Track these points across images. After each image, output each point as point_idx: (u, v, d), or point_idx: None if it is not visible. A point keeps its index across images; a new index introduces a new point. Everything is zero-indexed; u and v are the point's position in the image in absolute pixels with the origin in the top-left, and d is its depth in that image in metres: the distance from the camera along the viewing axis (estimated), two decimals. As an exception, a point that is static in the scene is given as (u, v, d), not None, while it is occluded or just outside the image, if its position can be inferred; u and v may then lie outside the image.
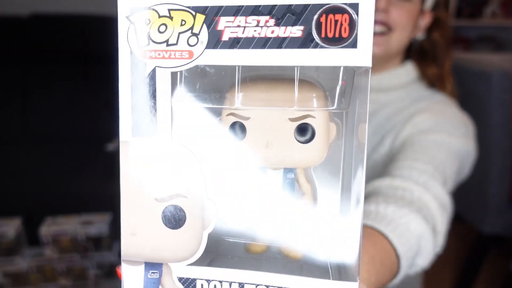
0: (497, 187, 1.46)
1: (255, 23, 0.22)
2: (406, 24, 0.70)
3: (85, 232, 1.64)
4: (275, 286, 0.22)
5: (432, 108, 0.72)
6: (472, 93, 1.45)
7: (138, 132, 0.24)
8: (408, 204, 0.51)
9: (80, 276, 1.76)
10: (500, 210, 1.50)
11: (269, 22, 0.21)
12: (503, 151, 1.42)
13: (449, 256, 2.03)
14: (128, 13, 0.25)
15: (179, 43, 0.23)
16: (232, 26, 0.22)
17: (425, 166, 0.58)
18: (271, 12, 0.21)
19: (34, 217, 1.73)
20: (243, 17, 0.22)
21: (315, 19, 0.21)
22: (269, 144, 0.23)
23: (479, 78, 1.40)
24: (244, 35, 0.22)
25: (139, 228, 0.26)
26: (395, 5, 0.69)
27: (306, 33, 0.21)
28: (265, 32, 0.22)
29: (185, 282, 0.24)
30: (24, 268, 1.71)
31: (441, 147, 0.64)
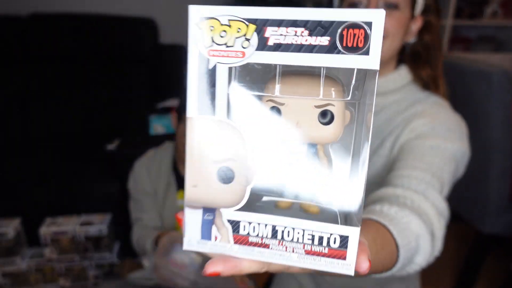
0: (497, 188, 1.46)
1: (293, 33, 0.31)
2: (396, 31, 0.75)
3: (84, 233, 1.64)
4: (299, 228, 0.33)
5: (428, 112, 0.75)
6: (472, 93, 1.45)
7: (201, 111, 0.33)
8: (409, 209, 0.56)
9: (80, 276, 1.76)
10: (500, 210, 1.50)
11: (304, 33, 0.31)
12: (503, 151, 1.41)
13: (450, 256, 2.03)
14: (197, 21, 0.32)
15: (235, 45, 0.32)
16: (276, 34, 0.31)
17: (424, 175, 0.63)
18: (306, 25, 0.30)
19: (33, 217, 1.72)
20: (284, 28, 0.31)
21: (339, 32, 0.30)
22: (298, 124, 0.32)
23: (479, 78, 1.39)
24: (285, 42, 0.31)
25: (199, 182, 0.34)
26: (388, 12, 0.72)
27: (331, 42, 0.30)
28: (301, 40, 0.31)
29: (232, 223, 0.34)
30: (23, 269, 1.71)
31: (438, 152, 0.68)
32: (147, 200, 1.33)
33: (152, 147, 1.64)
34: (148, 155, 1.37)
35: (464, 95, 1.50)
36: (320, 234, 0.32)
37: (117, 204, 1.77)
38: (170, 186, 1.31)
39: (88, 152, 2.03)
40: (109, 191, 1.75)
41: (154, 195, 1.33)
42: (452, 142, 0.72)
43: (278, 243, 0.33)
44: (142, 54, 2.35)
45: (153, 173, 1.33)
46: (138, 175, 1.33)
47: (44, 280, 1.76)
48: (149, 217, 1.33)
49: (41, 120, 2.26)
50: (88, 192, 1.75)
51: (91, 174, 1.80)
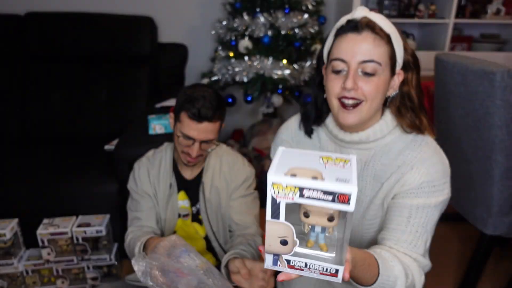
0: (500, 189, 1.44)
1: (316, 193, 0.56)
2: (374, 95, 0.82)
3: (82, 234, 1.62)
4: (316, 264, 0.61)
5: (416, 165, 0.86)
6: (475, 93, 1.43)
7: (273, 217, 0.61)
8: (399, 261, 0.79)
9: (77, 277, 1.75)
10: (503, 212, 1.47)
11: (320, 193, 0.55)
12: (507, 151, 1.39)
13: (453, 256, 2.02)
14: (272, 181, 0.56)
15: (289, 195, 0.56)
16: (308, 192, 0.55)
17: (411, 238, 0.84)
18: (322, 190, 0.55)
19: (31, 219, 1.71)
20: (312, 190, 0.55)
21: (337, 195, 0.55)
22: (317, 222, 0.61)
23: (482, 77, 1.37)
24: (311, 195, 0.56)
25: (272, 244, 0.63)
26: (363, 80, 0.81)
27: (333, 198, 0.55)
28: (319, 195, 0.55)
29: (287, 260, 0.63)
30: (20, 270, 1.70)
31: (424, 210, 0.85)
32: (146, 201, 1.32)
33: (151, 147, 1.62)
34: (148, 155, 1.36)
35: (467, 94, 1.47)
36: (326, 267, 0.61)
37: (116, 204, 1.75)
38: (170, 187, 1.30)
39: (86, 152, 2.02)
40: (108, 191, 1.73)
41: (154, 197, 1.31)
42: (436, 197, 0.85)
43: (307, 269, 0.62)
44: (141, 53, 2.33)
45: (153, 174, 1.31)
46: (138, 176, 1.32)
47: (42, 281, 1.75)
48: (146, 218, 1.31)
49: (39, 120, 2.25)
50: (86, 193, 1.74)
51: (90, 174, 1.79)
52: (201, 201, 1.30)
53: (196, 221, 1.34)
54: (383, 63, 0.80)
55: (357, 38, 0.80)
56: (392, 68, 0.83)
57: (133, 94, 2.30)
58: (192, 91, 1.16)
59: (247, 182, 1.33)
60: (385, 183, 0.88)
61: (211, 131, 1.17)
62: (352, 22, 0.81)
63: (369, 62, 0.79)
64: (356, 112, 0.83)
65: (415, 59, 0.86)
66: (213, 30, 2.39)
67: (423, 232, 0.84)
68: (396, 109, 0.88)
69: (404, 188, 0.85)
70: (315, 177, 0.55)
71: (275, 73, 2.09)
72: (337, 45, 0.83)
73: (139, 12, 2.47)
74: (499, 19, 2.63)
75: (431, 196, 0.84)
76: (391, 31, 0.81)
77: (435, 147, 0.89)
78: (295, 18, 2.10)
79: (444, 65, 1.61)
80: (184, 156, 1.21)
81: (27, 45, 2.28)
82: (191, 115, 1.13)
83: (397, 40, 0.82)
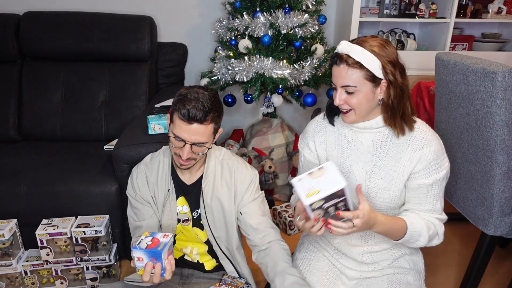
0: (502, 189, 1.43)
1: (332, 200, 0.97)
2: (358, 105, 1.09)
3: (81, 234, 1.62)
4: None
5: (426, 143, 1.12)
6: (476, 92, 1.42)
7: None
8: (420, 218, 1.15)
9: (76, 278, 1.74)
10: (504, 212, 1.47)
11: (336, 200, 0.98)
12: (508, 151, 1.38)
13: (454, 256, 2.01)
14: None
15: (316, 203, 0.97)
16: (327, 201, 0.97)
17: (430, 207, 1.16)
18: (338, 196, 0.98)
19: (30, 219, 1.70)
20: (329, 201, 0.97)
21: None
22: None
23: (483, 77, 1.36)
24: (329, 203, 0.97)
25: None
26: (347, 96, 1.09)
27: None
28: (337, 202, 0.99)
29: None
30: (19, 271, 1.69)
31: (435, 184, 1.14)
32: (147, 210, 1.30)
33: (150, 147, 1.62)
34: (145, 161, 1.34)
35: (468, 94, 1.47)
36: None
37: (115, 205, 1.75)
38: (169, 193, 1.28)
39: (86, 152, 2.01)
40: (107, 191, 1.73)
41: (154, 203, 1.30)
42: (442, 170, 1.13)
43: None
44: (141, 53, 2.32)
45: (152, 180, 1.30)
46: (136, 183, 1.31)
47: (41, 282, 1.74)
48: (148, 225, 1.30)
49: (38, 120, 2.24)
50: (86, 193, 1.73)
51: (89, 174, 1.78)
52: (202, 207, 1.29)
53: (197, 226, 1.33)
54: (359, 84, 1.06)
55: (338, 69, 1.08)
56: (373, 81, 1.06)
57: (132, 94, 2.29)
58: (186, 92, 1.14)
59: (253, 184, 1.33)
60: (401, 158, 1.14)
61: (203, 133, 1.14)
62: (336, 56, 1.08)
63: (347, 86, 1.08)
64: (349, 115, 1.13)
65: (396, 78, 1.07)
66: (213, 30, 2.38)
67: (438, 198, 1.15)
68: (385, 110, 1.12)
69: (417, 167, 1.12)
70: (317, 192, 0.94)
71: (275, 73, 2.09)
72: (332, 70, 1.12)
73: (139, 12, 2.46)
74: (500, 18, 2.62)
75: (439, 171, 1.13)
76: (363, 59, 1.04)
77: (430, 128, 1.16)
78: (295, 17, 2.09)
79: (445, 64, 1.60)
80: (177, 158, 1.19)
81: (26, 44, 2.28)
82: (181, 116, 1.11)
83: (372, 62, 1.04)
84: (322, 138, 1.25)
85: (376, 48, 1.05)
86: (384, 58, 1.05)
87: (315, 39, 2.28)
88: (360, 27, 2.50)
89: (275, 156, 2.47)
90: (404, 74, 1.10)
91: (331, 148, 1.23)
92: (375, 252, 1.22)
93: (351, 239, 1.25)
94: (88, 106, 2.26)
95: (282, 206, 2.29)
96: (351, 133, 1.20)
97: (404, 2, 2.52)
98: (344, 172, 1.19)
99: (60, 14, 2.33)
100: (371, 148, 1.17)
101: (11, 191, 1.71)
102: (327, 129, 1.26)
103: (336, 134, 1.23)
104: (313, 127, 1.29)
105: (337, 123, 1.24)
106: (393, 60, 1.07)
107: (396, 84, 1.07)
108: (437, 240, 1.17)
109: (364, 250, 1.22)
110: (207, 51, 2.72)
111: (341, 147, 1.21)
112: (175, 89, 2.51)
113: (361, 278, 1.23)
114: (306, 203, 0.93)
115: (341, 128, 1.23)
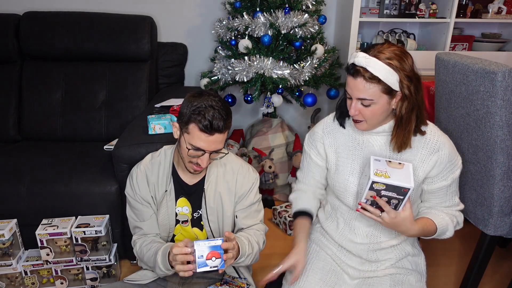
0: (502, 189, 1.43)
1: (390, 192, 1.04)
2: (371, 118, 1.10)
3: (81, 234, 1.62)
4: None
5: (441, 146, 1.14)
6: (476, 92, 1.42)
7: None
8: (445, 213, 1.21)
9: (76, 278, 1.74)
10: (504, 212, 1.46)
11: (392, 193, 1.05)
12: (508, 151, 1.38)
13: (454, 257, 2.01)
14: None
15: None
16: (384, 192, 1.05)
17: (450, 203, 1.22)
18: (394, 190, 1.04)
19: (30, 219, 1.70)
20: (387, 191, 1.05)
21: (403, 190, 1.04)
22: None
23: (483, 77, 1.36)
24: (387, 193, 1.06)
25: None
26: (362, 108, 1.08)
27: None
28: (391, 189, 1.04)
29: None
30: (19, 271, 1.69)
31: (452, 184, 1.19)
32: (146, 209, 1.30)
33: (150, 147, 1.61)
34: (145, 161, 1.34)
35: (468, 94, 1.47)
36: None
37: (115, 205, 1.74)
38: (168, 193, 1.28)
39: (86, 152, 2.01)
40: (107, 191, 1.73)
41: (153, 203, 1.30)
42: (457, 170, 1.18)
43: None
44: (141, 53, 2.32)
45: (153, 181, 1.29)
46: (136, 183, 1.30)
47: (41, 282, 1.74)
48: (148, 226, 1.30)
49: (38, 120, 2.24)
50: (86, 193, 1.73)
51: (89, 174, 1.78)
52: (203, 208, 1.29)
53: (197, 227, 1.33)
54: (376, 97, 1.06)
55: (354, 82, 1.06)
56: (390, 93, 1.06)
57: (132, 94, 2.29)
58: (199, 101, 1.12)
59: (254, 188, 1.34)
60: (414, 160, 1.15)
61: (221, 141, 1.15)
62: (352, 68, 1.06)
63: (364, 99, 1.07)
64: (361, 124, 1.14)
65: (411, 92, 1.06)
66: (213, 30, 2.38)
67: (455, 194, 1.22)
68: (397, 119, 1.12)
69: (433, 172, 1.15)
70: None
71: (275, 73, 2.09)
72: (346, 79, 1.11)
73: (139, 12, 2.46)
74: (500, 18, 2.62)
75: (454, 170, 1.17)
76: (381, 73, 1.02)
77: (441, 131, 1.18)
78: (295, 17, 2.10)
79: (445, 64, 1.60)
80: (191, 165, 1.19)
81: (26, 44, 2.28)
82: (203, 128, 1.10)
83: (390, 77, 1.03)
84: (332, 140, 1.25)
85: (394, 61, 1.03)
86: (402, 73, 1.04)
87: (315, 39, 2.28)
88: (360, 27, 2.50)
89: (275, 156, 2.47)
90: (420, 86, 1.09)
91: (342, 150, 1.23)
92: (381, 249, 1.23)
93: (357, 237, 1.24)
94: (88, 106, 2.26)
95: (282, 206, 2.29)
96: (362, 135, 1.20)
97: (404, 2, 2.52)
98: (356, 173, 1.20)
99: (60, 14, 2.34)
100: (383, 151, 1.17)
101: (11, 191, 1.71)
102: (337, 131, 1.25)
103: (346, 136, 1.23)
104: (322, 129, 1.28)
105: (347, 125, 1.24)
106: (409, 73, 1.05)
107: (410, 98, 1.06)
108: (458, 227, 1.24)
109: (370, 247, 1.23)
110: (207, 51, 2.72)
111: (352, 150, 1.21)
112: (175, 89, 2.53)
113: (363, 277, 1.24)
114: (372, 178, 1.00)
115: (352, 131, 1.22)
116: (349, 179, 1.20)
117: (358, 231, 1.24)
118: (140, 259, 1.30)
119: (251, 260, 1.26)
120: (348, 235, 1.26)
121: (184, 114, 1.14)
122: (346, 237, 1.26)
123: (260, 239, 1.32)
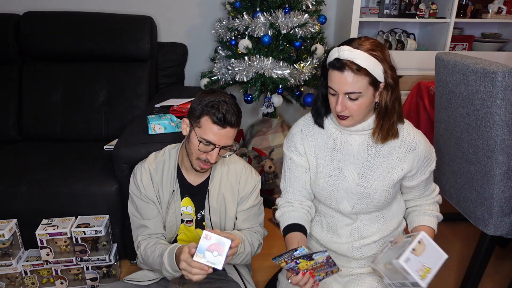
0: (502, 189, 1.43)
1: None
2: (357, 112, 1.09)
3: (81, 234, 1.62)
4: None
5: (418, 144, 1.15)
6: (476, 92, 1.42)
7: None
8: (430, 209, 1.28)
9: (76, 278, 1.74)
10: (504, 212, 1.47)
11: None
12: (508, 151, 1.38)
13: (454, 257, 2.01)
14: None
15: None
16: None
17: (429, 192, 1.28)
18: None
19: (30, 219, 1.70)
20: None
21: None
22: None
23: (483, 77, 1.36)
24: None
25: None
26: (349, 102, 1.07)
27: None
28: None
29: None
30: (19, 271, 1.69)
31: (429, 177, 1.24)
32: (151, 207, 1.30)
33: (150, 147, 1.61)
34: (149, 160, 1.33)
35: (468, 94, 1.47)
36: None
37: (115, 205, 1.74)
38: (174, 193, 1.28)
39: (86, 152, 2.01)
40: (107, 192, 1.73)
41: (158, 202, 1.30)
42: (432, 163, 1.21)
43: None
44: (141, 53, 2.32)
45: (157, 180, 1.29)
46: (141, 182, 1.29)
47: (41, 282, 1.74)
48: (155, 226, 1.30)
49: (38, 120, 2.24)
50: (86, 193, 1.73)
51: (89, 174, 1.78)
52: (207, 209, 1.29)
53: (200, 227, 1.33)
54: (363, 90, 1.05)
55: (341, 76, 1.04)
56: (375, 85, 1.06)
57: (132, 94, 2.29)
58: (212, 96, 1.14)
59: (256, 191, 1.35)
60: (392, 159, 1.16)
61: (231, 137, 1.17)
62: (338, 62, 1.04)
63: (351, 93, 1.05)
64: (347, 120, 1.12)
65: (395, 81, 1.07)
66: (213, 30, 2.38)
67: (431, 181, 1.28)
68: (379, 112, 1.12)
69: (413, 170, 1.17)
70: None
71: (275, 73, 2.09)
72: (330, 76, 1.09)
73: (139, 12, 2.46)
74: (500, 18, 2.62)
75: (431, 163, 1.21)
76: (368, 65, 1.02)
77: (415, 128, 1.20)
78: (295, 17, 2.10)
79: (445, 64, 1.60)
80: (198, 162, 1.19)
81: (26, 44, 2.28)
82: (216, 120, 1.12)
83: (376, 68, 1.04)
84: (311, 141, 1.23)
85: (378, 52, 1.04)
86: (386, 63, 1.05)
87: (315, 39, 2.28)
88: (360, 27, 2.50)
89: (275, 156, 2.47)
90: (397, 76, 1.11)
91: (321, 152, 1.22)
92: (364, 246, 1.24)
93: (340, 238, 1.26)
94: (88, 106, 2.26)
95: (282, 206, 2.29)
96: (340, 135, 1.19)
97: (404, 2, 2.52)
98: (335, 175, 1.19)
99: (60, 14, 2.34)
100: (361, 150, 1.17)
101: (11, 191, 1.71)
102: (315, 132, 1.23)
103: (325, 137, 1.22)
104: (300, 131, 1.26)
105: (326, 125, 1.22)
106: (390, 63, 1.07)
107: (393, 87, 1.07)
108: (440, 202, 1.33)
109: (353, 245, 1.24)
110: (207, 51, 2.72)
111: (331, 150, 1.20)
112: (175, 89, 2.53)
113: (352, 274, 1.25)
114: (423, 285, 0.95)
115: (330, 131, 1.21)
116: (328, 182, 1.19)
117: (341, 232, 1.25)
118: (145, 261, 1.29)
119: (241, 259, 1.26)
120: (332, 237, 1.27)
121: (196, 109, 1.16)
122: (330, 239, 1.27)
123: (255, 241, 1.32)
